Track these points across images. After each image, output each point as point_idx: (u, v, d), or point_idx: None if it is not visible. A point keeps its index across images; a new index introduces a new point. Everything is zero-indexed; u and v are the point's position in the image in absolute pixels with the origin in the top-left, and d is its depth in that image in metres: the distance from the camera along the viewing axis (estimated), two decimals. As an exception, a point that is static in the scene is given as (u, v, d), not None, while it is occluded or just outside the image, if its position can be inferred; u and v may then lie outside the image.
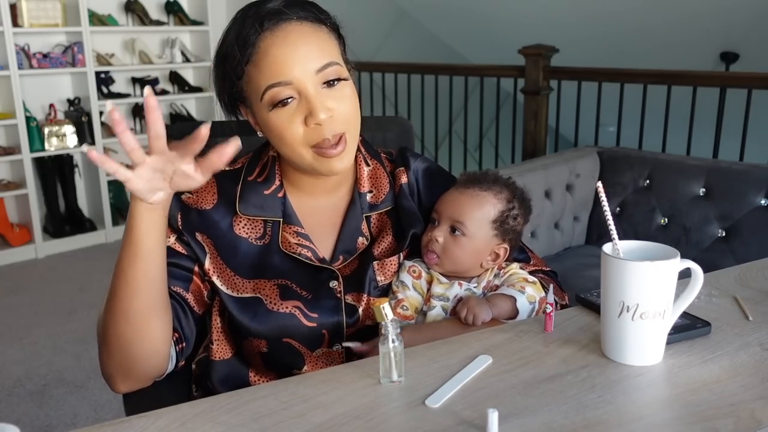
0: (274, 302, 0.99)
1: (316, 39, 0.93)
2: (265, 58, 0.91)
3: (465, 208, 1.03)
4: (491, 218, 1.03)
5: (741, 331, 0.88)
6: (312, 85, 0.91)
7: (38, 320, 3.11)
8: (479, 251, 1.03)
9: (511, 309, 0.98)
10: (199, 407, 0.74)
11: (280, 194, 1.03)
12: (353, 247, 1.05)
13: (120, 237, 4.27)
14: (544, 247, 2.59)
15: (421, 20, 5.63)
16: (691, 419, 0.69)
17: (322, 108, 0.91)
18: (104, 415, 2.32)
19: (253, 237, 1.02)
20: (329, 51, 0.94)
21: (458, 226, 1.02)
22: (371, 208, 1.07)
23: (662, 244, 0.83)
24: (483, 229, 1.03)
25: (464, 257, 1.03)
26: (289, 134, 0.93)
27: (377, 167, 1.09)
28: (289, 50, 0.91)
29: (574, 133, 3.30)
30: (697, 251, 2.39)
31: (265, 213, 1.02)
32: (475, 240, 1.02)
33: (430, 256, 1.03)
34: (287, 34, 0.91)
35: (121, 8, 4.40)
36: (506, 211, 1.04)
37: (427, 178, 1.12)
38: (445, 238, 1.02)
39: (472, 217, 1.02)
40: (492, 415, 0.65)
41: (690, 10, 4.08)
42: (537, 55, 3.22)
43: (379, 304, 0.79)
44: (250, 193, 1.02)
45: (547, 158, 2.82)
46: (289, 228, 1.02)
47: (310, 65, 0.91)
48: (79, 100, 4.20)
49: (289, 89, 0.91)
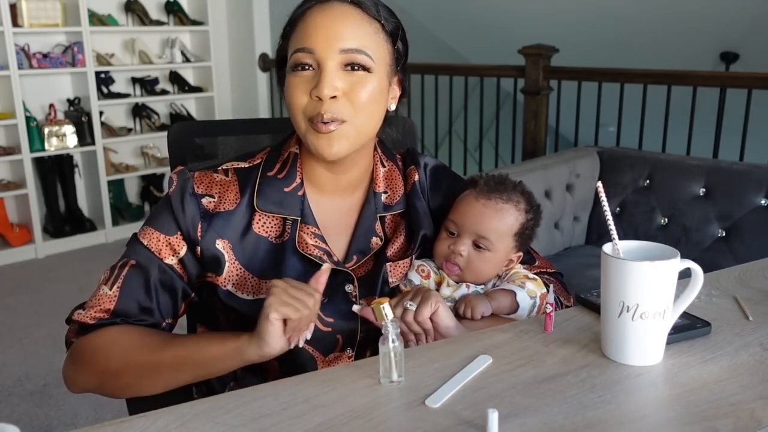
0: None
1: (358, 25, 0.93)
2: (304, 23, 0.93)
3: (491, 224, 1.02)
4: (514, 232, 1.04)
5: (741, 331, 0.88)
6: (332, 62, 0.91)
7: (38, 320, 3.11)
8: (500, 263, 1.05)
9: (511, 303, 0.98)
10: (199, 407, 0.74)
11: (300, 192, 1.02)
12: (367, 247, 1.04)
13: (120, 237, 4.29)
14: (544, 247, 2.59)
15: (421, 20, 5.63)
16: (691, 419, 0.69)
17: (329, 85, 0.91)
18: (104, 415, 2.32)
19: (273, 235, 1.01)
20: (365, 41, 0.93)
21: (483, 243, 1.02)
22: (386, 209, 1.06)
23: (662, 244, 0.83)
24: (506, 242, 1.03)
25: (487, 270, 1.03)
26: (294, 99, 0.93)
27: (393, 169, 1.09)
28: (325, 22, 0.92)
29: (574, 133, 3.30)
30: (697, 251, 2.39)
31: (284, 210, 1.00)
32: (498, 254, 1.03)
33: (452, 268, 1.03)
34: (333, 9, 0.93)
35: (121, 8, 4.40)
36: (526, 223, 1.05)
37: (434, 176, 1.12)
38: (469, 252, 1.02)
39: (498, 232, 1.02)
40: (492, 415, 0.65)
41: (690, 10, 4.08)
42: (537, 55, 3.21)
43: (379, 304, 0.79)
44: (270, 189, 1.00)
45: (547, 158, 2.82)
46: (307, 228, 1.01)
47: (337, 43, 0.91)
48: (79, 100, 4.19)
49: (310, 57, 0.92)
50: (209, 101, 4.68)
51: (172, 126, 1.26)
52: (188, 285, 1.01)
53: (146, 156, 4.56)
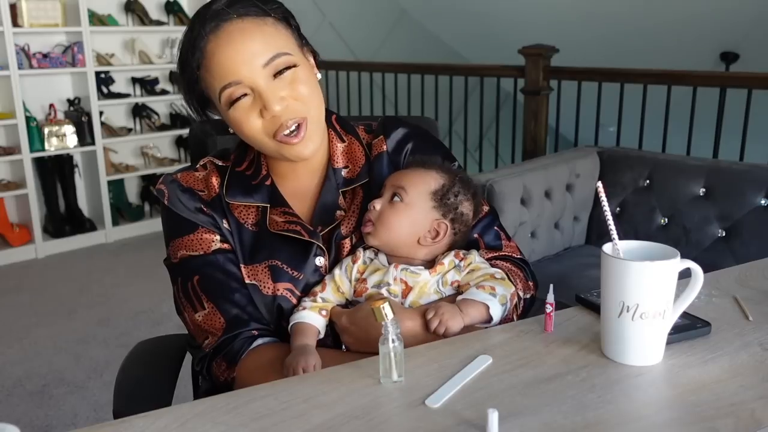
0: (268, 286, 1.00)
1: (260, 33, 0.95)
2: (213, 62, 0.94)
3: (407, 176, 1.03)
4: (431, 189, 1.02)
5: (741, 331, 0.88)
6: (262, 80, 0.94)
7: (38, 320, 3.11)
8: (416, 222, 1.00)
9: (484, 315, 0.93)
10: (199, 407, 0.74)
11: (268, 182, 1.05)
12: (331, 219, 1.05)
13: (120, 237, 4.29)
14: (544, 247, 2.59)
15: (421, 20, 5.63)
16: (691, 419, 0.69)
17: (275, 99, 0.94)
18: (104, 415, 2.31)
19: (250, 222, 1.04)
20: (274, 42, 0.95)
21: (398, 192, 1.01)
22: (347, 183, 1.07)
23: (662, 244, 0.83)
24: (422, 198, 1.01)
25: (400, 225, 0.99)
26: (248, 128, 0.96)
27: (352, 142, 1.10)
28: (232, 50, 0.93)
29: (574, 133, 3.30)
30: (697, 251, 2.39)
31: (252, 200, 1.04)
32: (413, 209, 1.00)
33: (366, 225, 1.01)
34: (229, 34, 0.93)
35: (121, 8, 4.40)
36: (447, 186, 1.02)
37: (406, 141, 1.11)
38: (383, 205, 1.01)
39: (413, 183, 1.02)
40: (492, 415, 0.65)
41: (690, 10, 4.08)
42: (537, 55, 3.22)
43: (379, 305, 0.79)
44: (237, 182, 1.05)
45: (547, 158, 2.82)
46: (276, 210, 1.04)
47: (256, 61, 0.93)
48: (79, 100, 4.19)
49: (241, 87, 0.94)
50: (209, 101, 4.67)
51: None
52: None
53: (146, 156, 4.56)
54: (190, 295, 1.00)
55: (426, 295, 0.98)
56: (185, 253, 1.01)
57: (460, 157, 4.34)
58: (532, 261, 2.53)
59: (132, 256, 4.00)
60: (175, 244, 1.03)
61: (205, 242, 1.01)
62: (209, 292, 1.00)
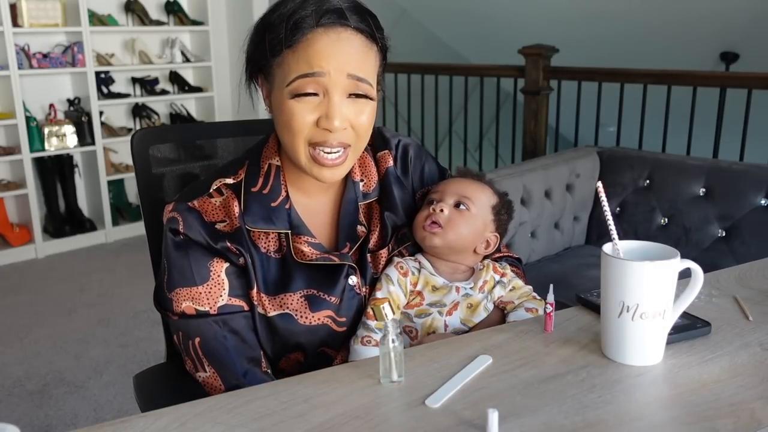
0: (305, 316, 0.98)
1: (364, 54, 0.93)
2: (307, 49, 0.90)
3: (471, 188, 1.08)
4: (492, 203, 1.09)
5: (741, 331, 0.88)
6: (340, 88, 0.91)
7: (38, 320, 3.11)
8: (478, 231, 1.07)
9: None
10: (199, 407, 0.74)
11: (287, 206, 1.00)
12: (355, 236, 1.04)
13: (120, 237, 4.29)
14: (544, 247, 2.59)
15: (421, 20, 5.63)
16: (691, 419, 0.69)
17: (340, 115, 0.91)
18: (104, 415, 2.32)
19: (272, 250, 0.99)
20: (369, 69, 0.94)
21: (465, 201, 1.06)
22: (364, 197, 1.07)
23: (662, 244, 0.83)
24: (485, 210, 1.08)
25: (466, 232, 1.05)
26: (297, 123, 0.91)
27: (365, 155, 1.09)
28: (334, 49, 0.90)
29: (574, 133, 3.30)
30: (697, 251, 2.39)
31: (274, 226, 0.99)
32: (477, 219, 1.06)
33: (432, 227, 1.04)
34: (339, 36, 0.91)
35: (121, 8, 4.40)
36: (501, 204, 1.10)
37: (407, 155, 1.12)
38: (450, 210, 1.05)
39: (477, 196, 1.08)
40: (492, 415, 0.65)
41: (690, 10, 4.08)
42: (537, 55, 3.21)
43: (379, 305, 0.79)
44: (256, 206, 0.98)
45: (547, 158, 2.82)
46: (299, 239, 1.00)
47: (347, 69, 0.90)
48: (79, 100, 4.19)
49: (317, 85, 0.90)
50: (209, 101, 4.68)
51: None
52: (247, 304, 0.98)
53: (146, 156, 4.56)
54: (191, 353, 0.97)
55: (477, 314, 1.03)
56: (190, 306, 0.95)
57: (460, 157, 4.36)
58: (532, 261, 2.53)
59: (132, 256, 4.00)
60: (181, 294, 0.96)
61: (212, 296, 0.96)
62: (210, 355, 0.95)
